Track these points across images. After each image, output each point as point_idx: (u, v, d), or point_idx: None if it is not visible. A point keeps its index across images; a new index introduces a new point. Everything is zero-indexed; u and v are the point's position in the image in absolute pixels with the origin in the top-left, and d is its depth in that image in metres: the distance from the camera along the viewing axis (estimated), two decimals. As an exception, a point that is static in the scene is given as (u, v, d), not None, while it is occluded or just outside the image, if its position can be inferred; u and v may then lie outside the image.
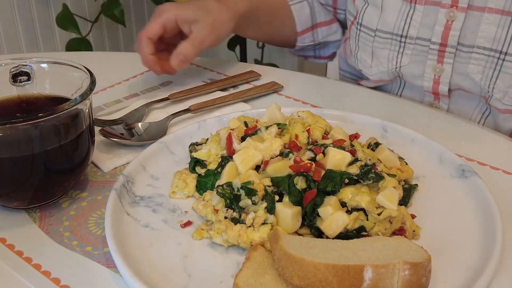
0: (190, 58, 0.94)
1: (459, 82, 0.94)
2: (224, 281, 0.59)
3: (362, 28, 1.01)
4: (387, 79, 1.03)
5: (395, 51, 0.97)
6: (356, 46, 1.04)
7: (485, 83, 0.90)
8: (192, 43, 0.93)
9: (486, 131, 0.89)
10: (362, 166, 0.66)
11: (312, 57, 1.25)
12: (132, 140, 0.83)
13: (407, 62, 0.97)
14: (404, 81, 1.03)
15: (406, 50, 0.96)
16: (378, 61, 1.00)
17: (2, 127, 0.61)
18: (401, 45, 0.96)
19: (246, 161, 0.69)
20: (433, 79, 0.96)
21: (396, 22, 0.95)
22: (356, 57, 1.06)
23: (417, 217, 0.67)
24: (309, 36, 1.16)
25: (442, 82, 0.95)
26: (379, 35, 0.98)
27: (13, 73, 0.72)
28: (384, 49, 0.99)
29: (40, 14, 2.16)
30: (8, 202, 0.69)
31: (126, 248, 0.61)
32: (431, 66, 0.95)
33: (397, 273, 0.53)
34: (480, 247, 0.62)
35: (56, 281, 0.59)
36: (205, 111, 0.92)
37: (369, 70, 1.03)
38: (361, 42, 1.02)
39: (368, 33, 1.00)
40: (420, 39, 0.94)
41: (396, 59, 0.98)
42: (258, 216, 0.63)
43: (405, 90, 1.04)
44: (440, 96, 0.98)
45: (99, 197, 0.72)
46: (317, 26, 1.16)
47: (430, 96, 1.00)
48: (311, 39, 1.17)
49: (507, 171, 0.77)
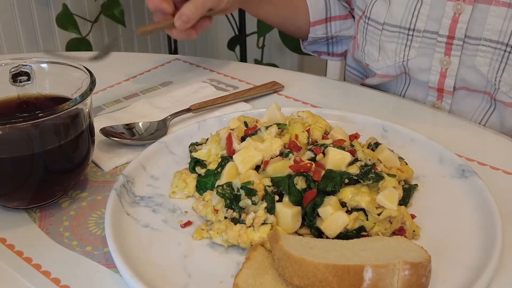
0: (193, 19, 0.91)
1: (465, 76, 0.94)
2: (224, 281, 0.59)
3: (370, 22, 1.01)
4: (393, 74, 1.03)
5: (402, 44, 0.98)
6: (364, 40, 1.05)
7: (492, 75, 0.91)
8: (195, 4, 0.91)
9: (486, 131, 0.89)
10: (362, 166, 0.66)
11: (325, 54, 1.23)
12: (132, 139, 0.83)
13: (414, 55, 0.98)
14: (409, 78, 1.03)
15: (413, 43, 0.97)
16: (385, 54, 1.01)
17: (2, 127, 0.61)
18: (409, 38, 0.97)
19: (246, 161, 0.69)
20: (440, 72, 0.96)
21: (404, 16, 0.96)
22: (363, 51, 1.06)
23: (417, 217, 0.67)
24: (322, 28, 1.14)
25: (448, 75, 0.95)
26: (387, 29, 0.99)
27: (13, 73, 0.72)
28: (392, 42, 0.99)
29: (40, 14, 2.16)
30: (8, 202, 0.69)
31: (126, 248, 0.61)
32: (438, 59, 0.95)
33: (397, 273, 0.53)
34: (480, 247, 0.61)
35: (56, 281, 0.59)
36: (206, 110, 0.92)
37: (375, 64, 1.04)
38: (369, 36, 1.03)
39: (375, 27, 1.01)
40: (427, 32, 0.95)
41: (404, 52, 0.98)
42: (258, 216, 0.63)
43: (409, 88, 1.04)
44: (444, 93, 0.98)
45: (99, 197, 0.72)
46: (331, 20, 1.14)
47: (434, 94, 1.00)
48: (324, 31, 1.15)
49: (507, 171, 0.77)
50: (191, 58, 1.16)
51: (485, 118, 0.98)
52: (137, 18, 2.51)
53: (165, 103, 0.96)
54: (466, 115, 0.99)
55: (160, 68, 1.12)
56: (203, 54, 2.81)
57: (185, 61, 1.15)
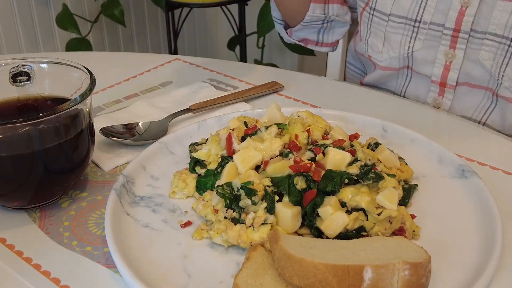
0: None
1: (469, 70, 0.94)
2: (224, 281, 0.59)
3: (375, 13, 1.01)
4: (396, 66, 1.03)
5: (408, 36, 0.98)
6: (368, 31, 1.04)
7: (495, 70, 0.91)
8: None
9: (486, 131, 0.89)
10: (362, 166, 0.66)
11: (313, 43, 1.18)
12: (132, 139, 0.83)
13: (419, 47, 0.98)
14: (411, 73, 1.02)
15: (419, 35, 0.97)
16: (390, 46, 1.01)
17: (2, 127, 0.61)
18: (414, 30, 0.97)
19: (246, 161, 0.69)
20: (444, 65, 0.96)
21: (411, 7, 0.96)
22: (366, 43, 1.06)
23: (417, 217, 0.67)
24: (320, 7, 1.10)
25: (452, 68, 0.96)
26: (393, 20, 0.99)
27: (13, 73, 0.72)
28: (397, 33, 0.99)
29: (40, 14, 2.17)
30: (8, 202, 0.69)
31: (126, 248, 0.61)
32: (443, 52, 0.95)
33: (397, 273, 0.53)
34: (480, 247, 0.61)
35: (56, 281, 0.59)
36: (206, 110, 0.92)
37: (379, 56, 1.03)
38: (373, 27, 1.03)
39: (381, 18, 1.00)
40: (433, 24, 0.95)
41: (409, 44, 0.98)
42: (258, 216, 0.63)
43: (410, 84, 1.04)
44: (446, 87, 0.98)
45: (99, 197, 0.72)
46: (330, 2, 1.10)
47: (436, 89, 0.99)
48: (322, 11, 1.10)
49: (507, 171, 0.77)
50: (191, 58, 1.16)
51: (486, 115, 0.98)
52: (137, 18, 2.51)
53: (165, 103, 0.96)
54: (467, 111, 0.99)
55: (160, 68, 1.12)
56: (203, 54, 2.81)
57: (185, 61, 1.15)
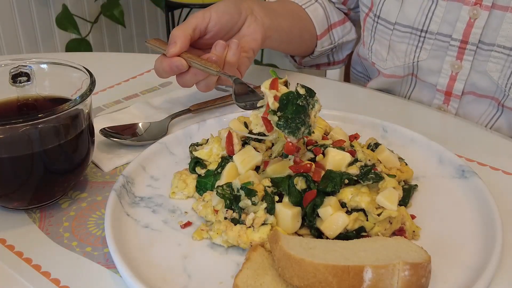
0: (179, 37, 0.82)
1: (475, 80, 0.93)
2: (224, 282, 0.59)
3: (379, 21, 1.00)
4: (401, 74, 1.01)
5: (413, 45, 0.97)
6: (372, 38, 1.03)
7: (503, 82, 0.90)
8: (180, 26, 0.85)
9: (486, 131, 0.89)
10: (362, 166, 0.66)
11: (325, 65, 1.20)
12: (132, 140, 0.83)
13: (425, 57, 0.96)
14: (415, 80, 1.01)
15: (425, 45, 0.95)
16: (395, 54, 1.00)
17: (2, 128, 0.61)
18: (420, 40, 0.95)
19: (246, 161, 0.69)
20: (450, 76, 0.95)
21: (417, 17, 0.94)
22: (370, 50, 1.04)
23: (417, 217, 0.67)
24: (327, 39, 1.12)
25: (458, 79, 0.94)
26: (398, 29, 0.97)
27: (13, 73, 0.72)
28: (402, 43, 0.98)
29: (40, 14, 2.17)
30: (8, 202, 0.69)
31: (126, 248, 0.61)
32: (449, 63, 0.94)
33: (397, 274, 0.53)
34: (480, 247, 0.62)
35: (56, 282, 0.59)
36: (205, 111, 0.92)
37: (383, 64, 1.02)
38: (378, 35, 1.01)
39: (386, 26, 0.99)
40: (440, 34, 0.93)
41: (414, 54, 0.97)
42: (258, 217, 0.63)
43: (415, 90, 1.03)
44: (451, 96, 0.97)
45: (99, 197, 0.72)
46: (332, 27, 1.12)
47: (441, 97, 0.98)
48: (329, 41, 1.13)
49: (507, 171, 0.77)
50: (191, 58, 1.16)
51: (491, 123, 0.97)
52: (136, 19, 2.51)
53: (165, 103, 0.96)
54: (472, 119, 0.98)
55: (160, 69, 1.11)
56: (202, 54, 2.81)
57: (185, 61, 1.15)
